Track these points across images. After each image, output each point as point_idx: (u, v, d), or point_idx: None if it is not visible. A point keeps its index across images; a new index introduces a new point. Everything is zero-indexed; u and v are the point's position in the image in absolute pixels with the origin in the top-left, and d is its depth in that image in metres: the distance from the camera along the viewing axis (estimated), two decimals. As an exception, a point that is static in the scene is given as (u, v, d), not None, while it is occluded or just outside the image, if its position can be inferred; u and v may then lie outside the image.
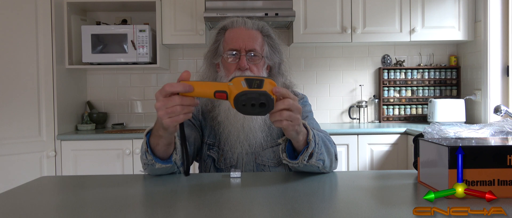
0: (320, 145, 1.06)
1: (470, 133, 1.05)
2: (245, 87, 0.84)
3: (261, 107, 0.84)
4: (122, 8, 3.15)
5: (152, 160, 1.04)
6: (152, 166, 1.06)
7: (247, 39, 1.26)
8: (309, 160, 1.04)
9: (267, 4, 2.91)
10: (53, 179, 1.30)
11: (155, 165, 1.05)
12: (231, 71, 1.26)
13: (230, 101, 0.85)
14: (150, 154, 1.04)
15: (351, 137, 2.79)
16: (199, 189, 0.95)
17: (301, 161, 1.03)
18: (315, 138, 1.05)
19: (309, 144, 1.02)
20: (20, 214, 0.79)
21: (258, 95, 0.83)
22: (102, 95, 3.29)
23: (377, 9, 3.01)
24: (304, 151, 1.03)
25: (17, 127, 2.55)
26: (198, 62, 3.31)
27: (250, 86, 0.84)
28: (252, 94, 0.83)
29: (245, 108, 0.84)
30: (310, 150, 1.02)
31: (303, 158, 1.03)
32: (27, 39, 2.58)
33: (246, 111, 0.85)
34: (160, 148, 1.03)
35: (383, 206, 0.82)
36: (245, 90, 0.83)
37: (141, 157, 1.09)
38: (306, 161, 1.03)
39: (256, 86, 0.85)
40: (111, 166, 2.70)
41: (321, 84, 3.37)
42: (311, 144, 1.02)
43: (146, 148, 1.04)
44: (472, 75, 3.13)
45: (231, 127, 1.26)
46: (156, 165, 1.05)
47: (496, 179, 0.82)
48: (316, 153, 1.04)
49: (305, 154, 1.02)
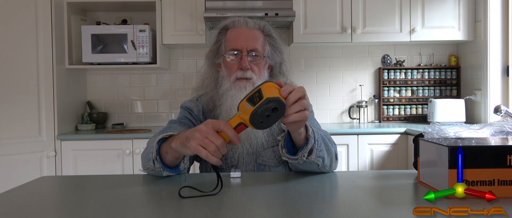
0: (319, 142, 1.06)
1: (470, 133, 1.05)
2: (251, 107, 0.85)
3: (275, 111, 0.85)
4: (122, 8, 3.15)
5: (160, 168, 1.03)
6: (159, 173, 1.05)
7: (248, 39, 1.26)
8: (309, 157, 1.04)
9: (267, 4, 2.91)
10: (53, 179, 1.30)
11: (163, 173, 1.04)
12: (233, 71, 1.26)
13: (251, 127, 0.87)
14: (158, 162, 1.02)
15: (351, 137, 2.79)
16: (199, 189, 0.95)
17: (301, 157, 1.03)
18: (315, 134, 1.05)
19: (308, 140, 1.03)
20: (20, 214, 0.79)
21: (265, 106, 0.84)
22: (102, 95, 3.29)
23: (377, 9, 3.01)
24: (304, 147, 1.03)
25: (17, 127, 2.55)
26: (198, 62, 3.31)
27: (253, 103, 0.86)
28: (260, 109, 0.84)
29: (265, 123, 0.86)
30: (310, 146, 1.02)
31: (303, 154, 1.03)
32: (27, 39, 2.58)
33: (268, 123, 0.87)
34: (169, 157, 1.03)
35: (383, 206, 0.82)
36: (252, 109, 0.85)
37: (146, 163, 1.08)
38: (306, 157, 1.03)
39: (258, 99, 0.86)
40: (111, 166, 2.70)
41: (321, 84, 3.37)
42: (310, 140, 1.02)
43: (156, 156, 1.02)
44: (472, 75, 3.13)
45: None
46: (163, 173, 1.04)
47: (496, 179, 0.82)
48: (316, 149, 1.04)
49: (305, 150, 1.02)
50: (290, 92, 0.89)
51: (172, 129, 1.25)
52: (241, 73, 1.25)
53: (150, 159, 1.04)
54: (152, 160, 1.03)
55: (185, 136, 0.93)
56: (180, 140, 0.94)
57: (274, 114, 0.86)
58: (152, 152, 1.04)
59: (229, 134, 0.87)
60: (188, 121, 1.32)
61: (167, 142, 1.03)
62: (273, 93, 0.86)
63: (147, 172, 1.13)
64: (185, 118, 1.32)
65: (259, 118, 0.85)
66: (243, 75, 1.25)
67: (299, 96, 0.90)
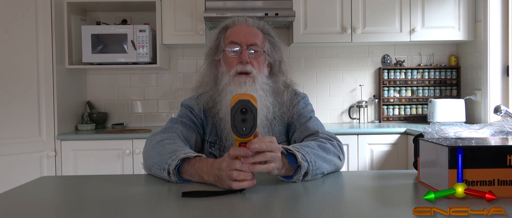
0: (313, 163, 1.02)
1: (470, 133, 1.05)
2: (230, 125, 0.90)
3: (246, 112, 0.88)
4: (122, 8, 3.15)
5: (177, 181, 1.01)
6: (170, 181, 1.03)
7: (248, 34, 1.28)
8: (305, 178, 1.02)
9: (267, 4, 2.91)
10: (53, 179, 1.30)
11: (176, 182, 1.02)
12: (233, 65, 1.27)
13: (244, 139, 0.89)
14: (176, 176, 1.01)
15: (351, 137, 2.79)
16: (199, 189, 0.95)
17: (297, 180, 1.01)
18: (307, 157, 1.02)
19: (300, 166, 1.00)
20: (20, 214, 0.79)
21: (235, 115, 0.88)
22: (102, 95, 3.29)
23: (377, 9, 3.01)
24: (297, 172, 1.00)
25: (17, 127, 2.55)
26: (198, 62, 3.31)
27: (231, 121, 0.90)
28: (234, 121, 0.88)
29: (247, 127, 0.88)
30: (303, 171, 1.00)
31: (297, 178, 1.01)
32: (27, 39, 2.58)
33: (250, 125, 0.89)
34: (187, 177, 1.02)
35: (383, 206, 0.82)
36: (231, 125, 0.89)
37: (155, 168, 1.06)
38: (302, 179, 1.01)
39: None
40: (111, 166, 2.70)
41: (321, 84, 3.37)
42: (303, 165, 0.99)
43: (173, 170, 1.00)
44: (472, 75, 3.13)
45: None
46: (177, 182, 1.02)
47: (496, 179, 0.82)
48: (311, 171, 1.02)
49: (299, 175, 1.00)
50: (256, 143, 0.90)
51: (174, 129, 1.25)
52: (241, 67, 1.25)
53: (164, 169, 1.02)
54: (166, 170, 1.01)
55: (214, 174, 0.95)
56: (213, 177, 0.96)
57: (248, 114, 0.88)
58: (168, 163, 1.02)
59: (240, 153, 0.89)
60: (190, 120, 1.32)
61: (187, 162, 1.02)
62: (234, 100, 0.89)
63: (149, 172, 1.13)
64: (186, 117, 1.32)
65: (240, 127, 0.88)
66: (243, 68, 1.25)
67: (263, 149, 0.90)
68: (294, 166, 1.01)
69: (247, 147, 0.89)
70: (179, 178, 1.01)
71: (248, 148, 0.89)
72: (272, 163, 0.92)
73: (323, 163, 1.07)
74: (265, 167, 0.92)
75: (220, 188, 0.94)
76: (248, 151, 0.89)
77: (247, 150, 0.89)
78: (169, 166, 1.01)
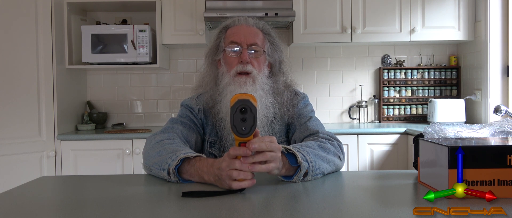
0: (313, 163, 1.03)
1: (470, 133, 1.05)
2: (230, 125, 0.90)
3: (245, 112, 0.88)
4: (122, 8, 3.15)
5: (177, 181, 1.02)
6: (170, 181, 1.03)
7: (248, 34, 1.28)
8: (305, 178, 1.02)
9: (267, 4, 2.91)
10: (53, 179, 1.30)
11: (176, 182, 1.02)
12: (233, 65, 1.27)
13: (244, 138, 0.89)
14: (175, 175, 1.01)
15: (351, 137, 2.79)
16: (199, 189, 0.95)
17: (297, 180, 1.01)
18: (307, 157, 1.02)
19: (300, 166, 1.00)
20: (20, 214, 0.79)
21: (234, 114, 0.88)
22: (102, 95, 3.29)
23: (377, 9, 3.01)
24: (297, 172, 1.00)
25: (17, 127, 2.55)
26: (198, 62, 3.31)
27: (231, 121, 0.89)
28: (234, 121, 0.88)
29: (247, 126, 0.88)
30: (303, 172, 1.00)
31: (297, 178, 1.01)
32: (27, 39, 2.58)
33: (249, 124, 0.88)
34: (187, 177, 1.02)
35: (383, 206, 0.82)
36: (230, 125, 0.89)
37: (155, 168, 1.06)
38: (301, 179, 1.02)
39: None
40: (111, 166, 2.70)
41: (321, 84, 3.37)
42: (303, 165, 1.00)
43: (173, 170, 1.00)
44: (472, 75, 3.13)
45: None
46: (177, 182, 1.02)
47: (496, 179, 0.82)
48: (311, 171, 1.02)
49: (299, 175, 1.00)
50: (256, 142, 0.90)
51: (174, 129, 1.25)
52: (241, 66, 1.25)
53: (164, 169, 1.02)
54: (166, 170, 1.01)
55: (214, 174, 0.95)
56: (213, 177, 0.96)
57: (247, 114, 0.88)
58: (168, 163, 1.02)
59: (239, 152, 0.89)
60: (190, 120, 1.32)
61: (187, 162, 1.02)
62: (233, 99, 0.89)
63: (149, 172, 1.13)
64: (186, 117, 1.32)
65: (239, 126, 0.88)
66: (243, 68, 1.25)
67: (263, 148, 0.90)
68: (294, 166, 1.01)
69: (247, 146, 0.89)
70: (179, 178, 1.01)
71: (248, 148, 0.89)
72: (272, 163, 0.92)
73: (323, 163, 1.07)
74: (265, 167, 0.92)
75: (220, 188, 0.94)
76: (248, 151, 0.89)
77: (246, 150, 0.89)
78: (169, 166, 1.01)
